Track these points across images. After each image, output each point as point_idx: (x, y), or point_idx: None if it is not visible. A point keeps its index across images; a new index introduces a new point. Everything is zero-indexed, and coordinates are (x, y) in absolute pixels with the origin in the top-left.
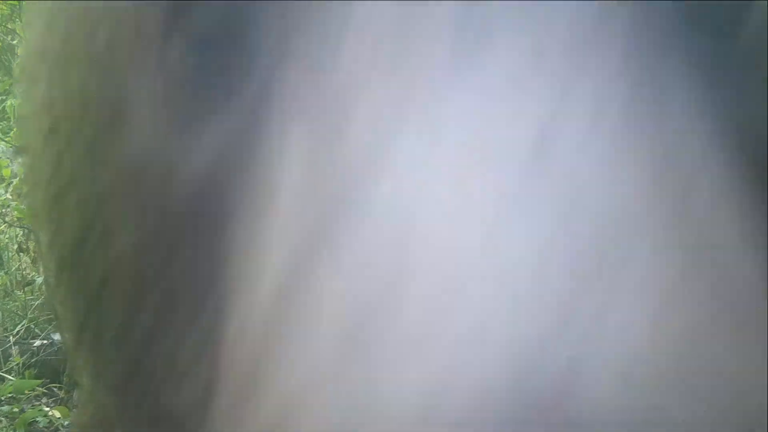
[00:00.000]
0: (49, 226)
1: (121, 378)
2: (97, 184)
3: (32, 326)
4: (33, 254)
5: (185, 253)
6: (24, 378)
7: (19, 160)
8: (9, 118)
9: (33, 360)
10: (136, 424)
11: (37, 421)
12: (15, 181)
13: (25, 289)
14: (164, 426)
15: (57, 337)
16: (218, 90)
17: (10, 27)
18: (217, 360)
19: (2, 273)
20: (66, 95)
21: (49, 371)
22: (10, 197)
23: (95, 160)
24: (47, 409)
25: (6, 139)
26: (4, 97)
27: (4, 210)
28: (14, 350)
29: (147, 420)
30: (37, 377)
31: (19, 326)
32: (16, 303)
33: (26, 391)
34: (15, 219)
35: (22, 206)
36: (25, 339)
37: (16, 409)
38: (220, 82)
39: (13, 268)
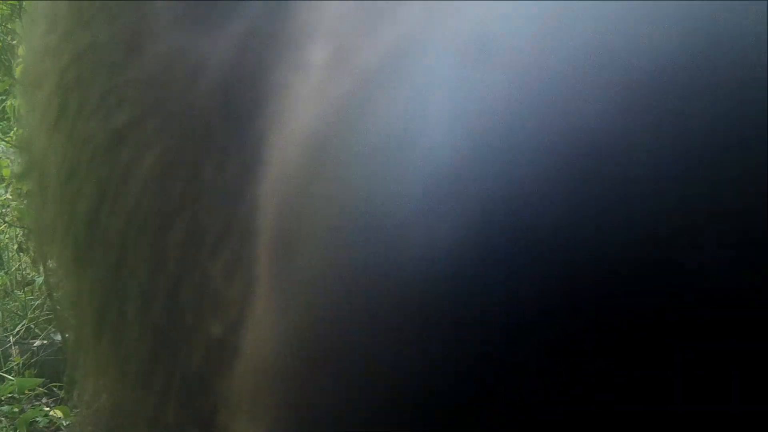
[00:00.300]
0: (63, 216)
1: (150, 350)
2: (114, 128)
3: (32, 326)
4: (33, 254)
5: (213, 154)
6: (24, 378)
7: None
8: (9, 118)
9: (33, 360)
10: (161, 407)
11: (37, 421)
12: (15, 181)
13: (25, 289)
14: (194, 392)
15: (57, 337)
16: None
17: (10, 27)
18: (251, 268)
19: (2, 273)
20: (75, 61)
21: (49, 371)
22: (10, 197)
23: (111, 104)
24: (47, 409)
25: (6, 139)
26: (4, 97)
27: (4, 210)
28: (14, 350)
29: (175, 397)
30: (37, 377)
31: (19, 326)
32: (16, 303)
33: (26, 391)
34: (15, 219)
35: (22, 206)
36: (25, 339)
37: (16, 409)
38: None
39: (13, 268)
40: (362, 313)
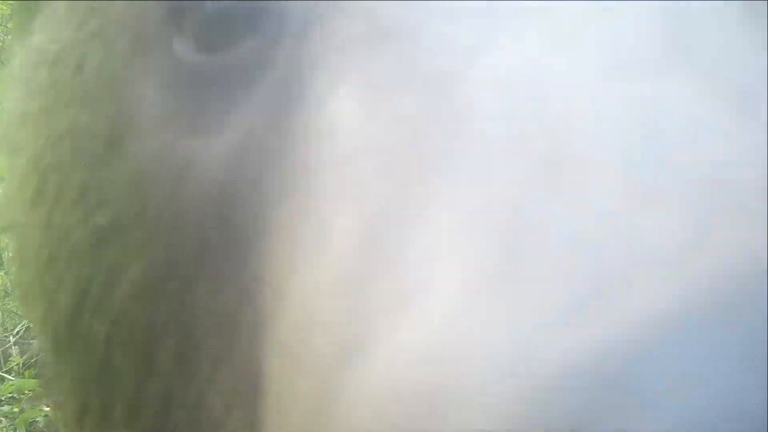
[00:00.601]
0: (41, 301)
1: None
2: (96, 227)
3: (32, 326)
4: None
5: (207, 274)
6: (24, 378)
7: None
8: None
9: (33, 360)
10: None
11: (37, 421)
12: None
13: None
14: None
15: None
16: (236, 81)
17: (10, 27)
18: (254, 404)
19: (2, 273)
20: (54, 142)
21: None
22: None
23: (91, 201)
24: (47, 408)
25: None
26: None
27: None
28: (14, 350)
29: None
30: (37, 377)
31: (19, 326)
32: (16, 303)
33: (26, 391)
34: None
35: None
36: (25, 339)
37: (16, 409)
38: (237, 72)
39: (13, 269)
40: None
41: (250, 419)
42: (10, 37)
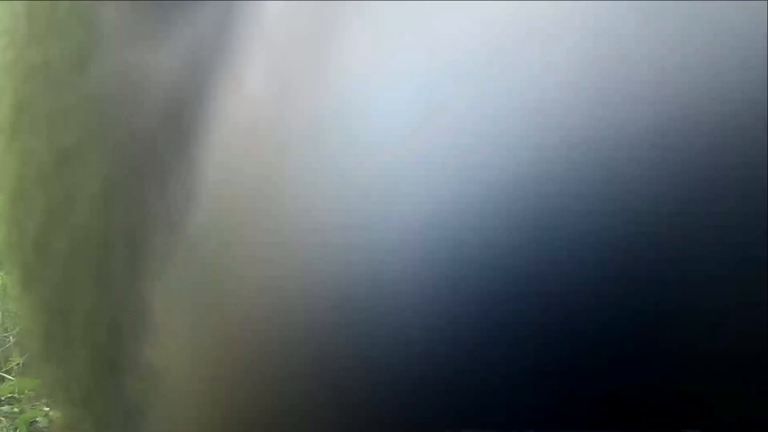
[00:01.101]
0: (13, 229)
1: (93, 373)
2: (61, 149)
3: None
4: None
5: (156, 179)
6: (24, 379)
7: None
8: None
9: (33, 360)
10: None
11: (37, 421)
12: None
13: None
14: (133, 420)
15: None
16: None
17: None
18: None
19: (2, 273)
20: (29, 75)
21: None
22: None
23: (58, 124)
24: (47, 409)
25: None
26: None
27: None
28: (14, 350)
29: (115, 423)
30: (37, 377)
31: (19, 326)
32: (16, 303)
33: (26, 391)
34: None
35: None
36: (25, 339)
37: (16, 409)
38: None
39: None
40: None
41: (189, 318)
42: None
